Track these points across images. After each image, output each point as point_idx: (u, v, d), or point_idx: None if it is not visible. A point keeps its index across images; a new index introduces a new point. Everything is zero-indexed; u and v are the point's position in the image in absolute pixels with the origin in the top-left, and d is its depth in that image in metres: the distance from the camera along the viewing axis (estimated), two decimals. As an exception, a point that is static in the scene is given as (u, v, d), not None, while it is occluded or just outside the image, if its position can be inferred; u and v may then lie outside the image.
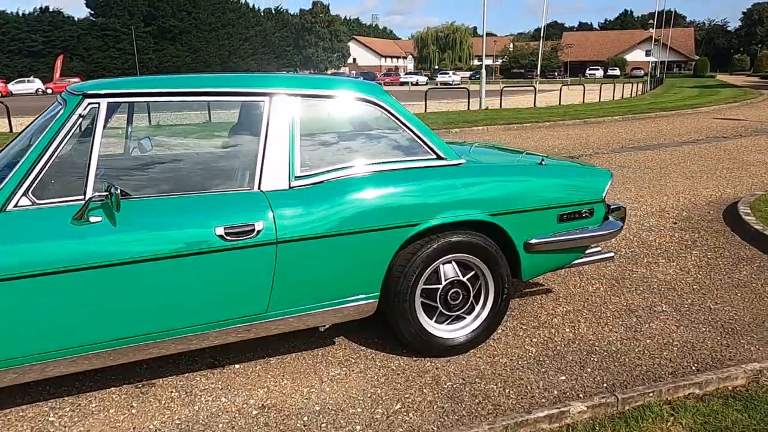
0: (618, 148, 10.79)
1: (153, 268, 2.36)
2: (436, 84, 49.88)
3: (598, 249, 3.55)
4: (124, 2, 78.45)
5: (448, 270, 2.95)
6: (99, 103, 2.41)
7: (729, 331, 3.29)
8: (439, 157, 2.90)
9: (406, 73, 64.95)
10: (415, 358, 3.02)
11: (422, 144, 2.88)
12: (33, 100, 34.12)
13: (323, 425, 2.48)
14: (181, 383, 2.83)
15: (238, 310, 2.57)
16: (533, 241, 3.04)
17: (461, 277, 2.96)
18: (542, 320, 3.46)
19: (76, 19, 78.01)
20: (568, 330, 3.34)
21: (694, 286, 3.97)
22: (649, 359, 2.99)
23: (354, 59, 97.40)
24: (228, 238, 2.44)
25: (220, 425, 2.49)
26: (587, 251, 3.41)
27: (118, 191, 2.24)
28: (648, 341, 3.18)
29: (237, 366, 2.99)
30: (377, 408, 2.61)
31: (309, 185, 2.65)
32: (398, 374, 2.88)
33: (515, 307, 3.65)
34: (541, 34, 36.47)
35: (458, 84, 49.33)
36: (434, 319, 2.99)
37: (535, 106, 21.21)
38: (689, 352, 3.06)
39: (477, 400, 2.65)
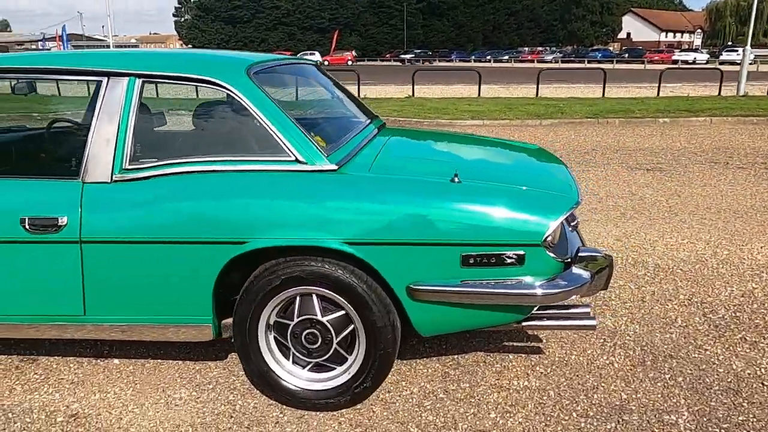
0: None
1: None
2: (718, 63, 42.28)
3: (586, 309, 2.45)
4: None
5: (309, 306, 2.33)
6: None
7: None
8: (297, 161, 2.26)
9: (681, 50, 56.43)
10: (269, 402, 2.48)
11: (279, 142, 2.27)
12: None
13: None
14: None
15: (54, 309, 2.40)
16: (420, 287, 2.20)
17: (320, 317, 2.31)
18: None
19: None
20: None
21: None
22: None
23: (628, 33, 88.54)
24: (31, 230, 2.27)
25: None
26: (551, 310, 2.38)
27: None
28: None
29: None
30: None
31: (132, 180, 2.30)
32: (242, 414, 2.40)
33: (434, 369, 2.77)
34: None
35: (751, 63, 41.15)
36: (291, 360, 2.42)
37: (821, 94, 16.46)
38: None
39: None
